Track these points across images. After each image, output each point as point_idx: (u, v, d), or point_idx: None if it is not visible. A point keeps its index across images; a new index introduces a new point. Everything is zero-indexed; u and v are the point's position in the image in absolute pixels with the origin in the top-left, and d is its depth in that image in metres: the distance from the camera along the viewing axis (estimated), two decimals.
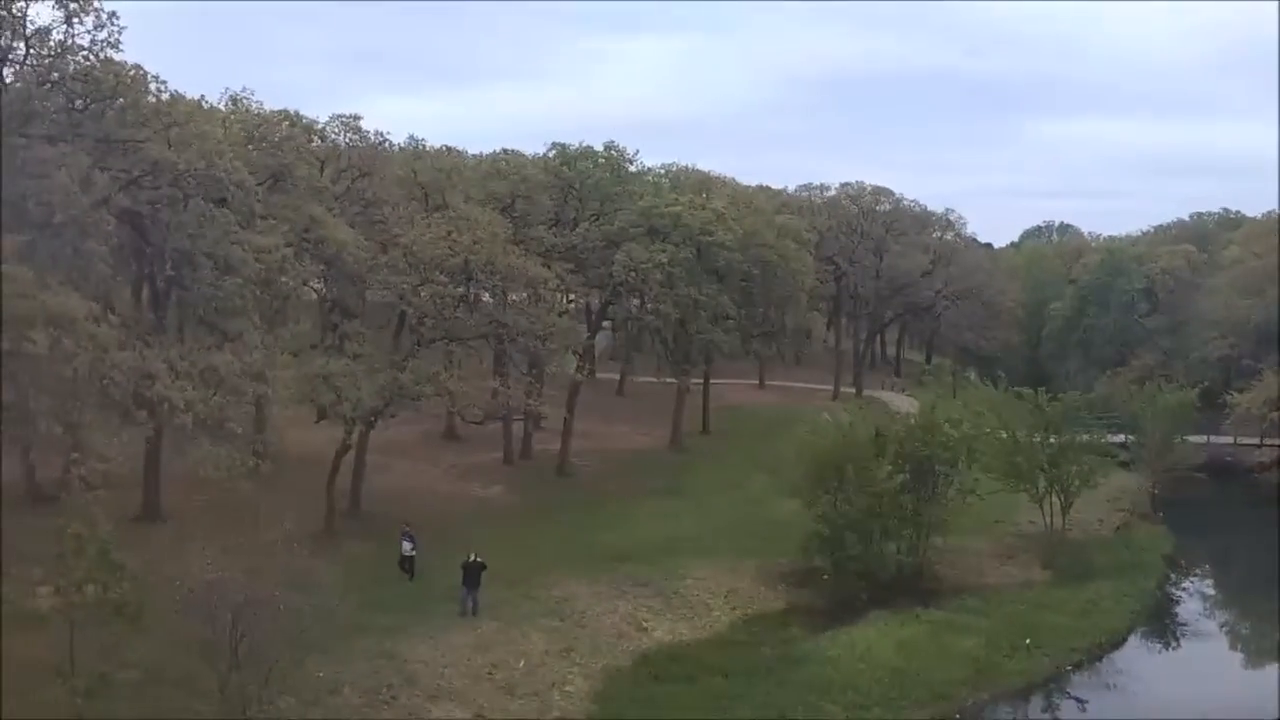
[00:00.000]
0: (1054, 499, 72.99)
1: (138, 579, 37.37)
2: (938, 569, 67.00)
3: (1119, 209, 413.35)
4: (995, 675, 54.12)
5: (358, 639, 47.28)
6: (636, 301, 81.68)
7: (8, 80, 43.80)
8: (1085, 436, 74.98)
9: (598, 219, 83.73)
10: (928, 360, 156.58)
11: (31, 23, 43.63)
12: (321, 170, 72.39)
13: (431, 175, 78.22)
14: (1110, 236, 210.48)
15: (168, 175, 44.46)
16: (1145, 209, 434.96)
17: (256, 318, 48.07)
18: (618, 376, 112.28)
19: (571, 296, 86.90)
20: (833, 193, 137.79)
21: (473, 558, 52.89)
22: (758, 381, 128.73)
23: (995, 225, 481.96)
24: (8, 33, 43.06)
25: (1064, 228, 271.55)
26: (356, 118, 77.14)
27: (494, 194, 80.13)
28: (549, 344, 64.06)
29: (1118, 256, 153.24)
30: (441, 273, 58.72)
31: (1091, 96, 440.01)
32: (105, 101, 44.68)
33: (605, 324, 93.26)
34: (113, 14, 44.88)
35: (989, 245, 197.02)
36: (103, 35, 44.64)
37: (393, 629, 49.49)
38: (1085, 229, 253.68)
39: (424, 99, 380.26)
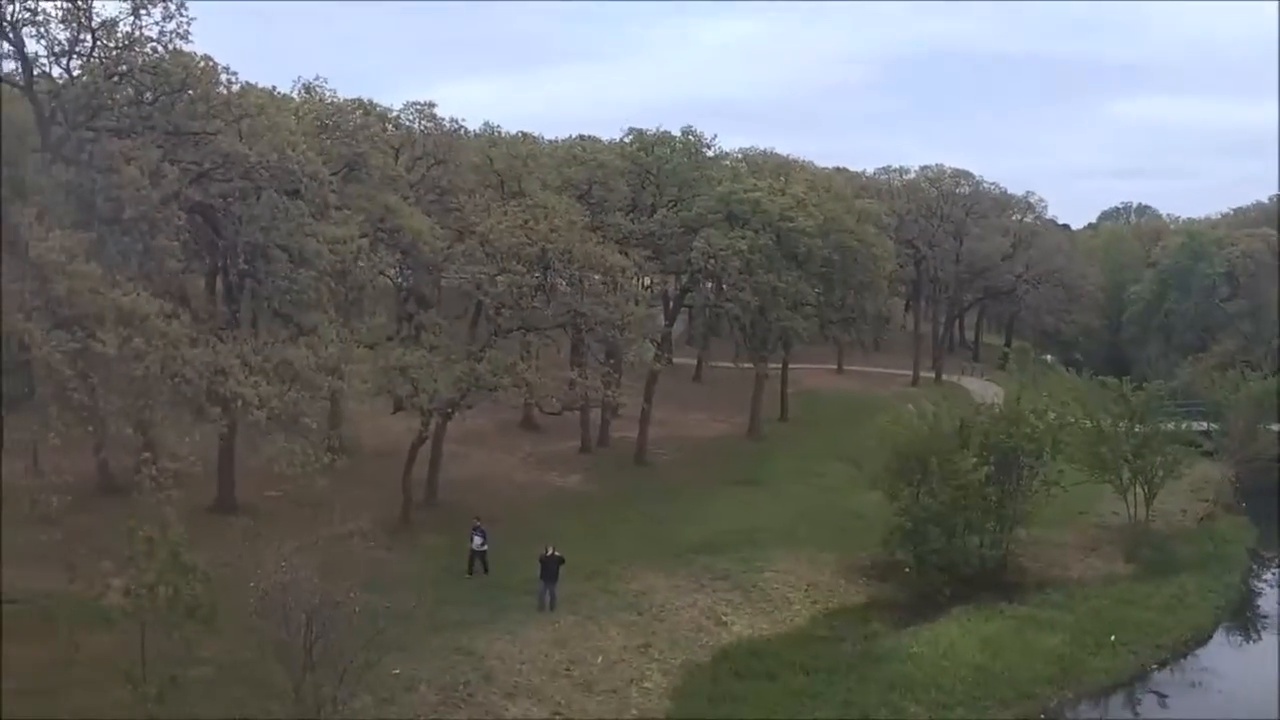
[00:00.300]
0: (1138, 490, 71.42)
1: (210, 579, 36.85)
2: (1021, 561, 65.75)
3: (1195, 189, 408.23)
4: (1080, 673, 52.81)
5: (434, 635, 46.68)
6: (711, 284, 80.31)
7: (75, 73, 43.23)
8: (1170, 425, 73.24)
9: (675, 205, 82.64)
10: (1007, 344, 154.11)
11: (98, 15, 43.18)
12: (396, 158, 71.90)
13: (507, 162, 77.56)
14: (1189, 219, 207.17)
15: (239, 168, 43.78)
16: (1221, 189, 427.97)
17: (332, 310, 47.38)
18: (694, 362, 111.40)
19: (649, 283, 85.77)
20: (912, 175, 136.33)
21: (550, 551, 52.21)
22: (836, 366, 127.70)
23: (1070, 205, 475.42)
24: (74, 25, 42.54)
25: (1141, 209, 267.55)
26: (431, 105, 76.77)
27: (570, 180, 79.38)
28: (627, 333, 63.13)
29: (1198, 240, 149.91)
30: (518, 262, 58.06)
31: (1169, 75, 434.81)
32: (175, 94, 44.08)
33: (684, 309, 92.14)
34: (181, 4, 44.45)
35: (1066, 226, 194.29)
36: (171, 26, 44.24)
37: (469, 624, 48.92)
38: (1163, 210, 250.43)
39: (497, 83, 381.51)
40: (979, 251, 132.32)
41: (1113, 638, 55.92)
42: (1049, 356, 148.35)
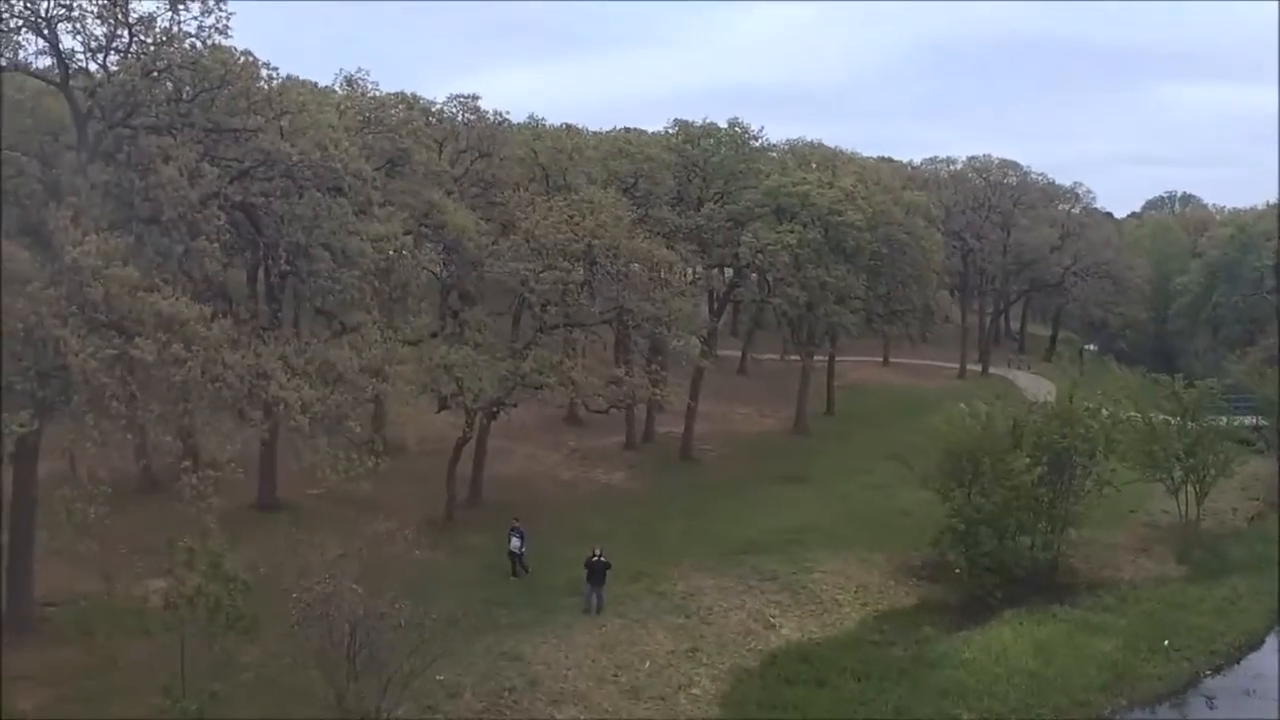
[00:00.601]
0: (1189, 489, 70.10)
1: (251, 588, 36.23)
2: (1072, 562, 64.67)
3: (1240, 178, 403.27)
4: (1134, 679, 51.75)
5: (479, 639, 46.12)
6: (757, 277, 78.96)
7: (112, 70, 42.23)
8: (1222, 421, 71.84)
9: (721, 198, 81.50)
10: (1053, 337, 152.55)
11: (135, 11, 42.32)
12: (440, 151, 71.07)
13: (551, 156, 76.43)
14: (1235, 209, 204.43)
15: (280, 166, 42.85)
16: (1266, 176, 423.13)
17: (375, 310, 46.59)
18: (738, 354, 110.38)
19: (694, 274, 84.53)
20: (959, 166, 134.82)
21: (597, 555, 51.48)
22: (882, 359, 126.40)
23: (1114, 193, 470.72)
24: (111, 21, 41.68)
25: (1186, 198, 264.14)
26: (475, 97, 75.82)
27: (616, 174, 78.39)
28: (674, 330, 62.19)
29: (1247, 232, 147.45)
30: (564, 258, 57.19)
31: (1213, 62, 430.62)
32: (214, 90, 43.22)
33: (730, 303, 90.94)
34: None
35: (1109, 215, 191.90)
36: (210, 21, 43.33)
37: (515, 627, 48.34)
38: (1207, 199, 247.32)
39: (536, 72, 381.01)
40: (1026, 243, 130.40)
41: (1166, 643, 54.90)
42: (1092, 346, 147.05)
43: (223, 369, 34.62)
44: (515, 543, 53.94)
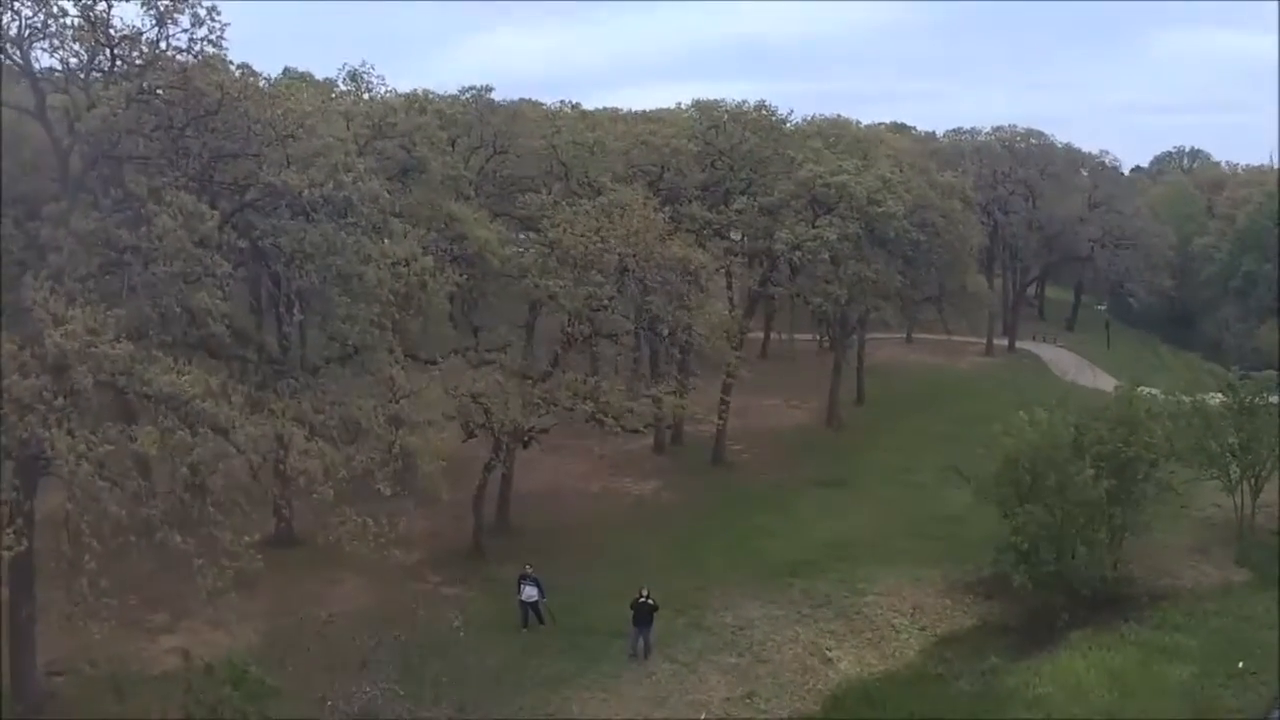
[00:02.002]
0: (1245, 484, 66.46)
1: (279, 692, 32.51)
2: (1130, 568, 60.73)
3: (1243, 124, 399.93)
4: (1214, 711, 47.80)
5: (521, 695, 42.99)
6: (790, 270, 74.54)
7: (94, 94, 37.53)
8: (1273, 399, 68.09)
9: (749, 187, 77.25)
10: (1075, 306, 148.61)
11: (116, 29, 37.89)
12: (453, 146, 67.02)
13: (573, 151, 71.90)
14: (1249, 166, 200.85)
15: (288, 197, 38.40)
16: (1268, 123, 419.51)
17: (397, 347, 42.50)
18: (761, 335, 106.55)
19: (726, 274, 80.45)
20: (984, 137, 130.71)
21: (644, 597, 47.83)
22: (905, 335, 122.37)
23: (1114, 142, 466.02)
24: (90, 40, 37.16)
25: (1195, 153, 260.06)
26: (488, 89, 71.83)
27: (640, 166, 74.30)
28: (711, 341, 58.27)
29: (1276, 201, 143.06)
30: (595, 271, 53.18)
31: (1212, 10, 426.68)
32: (209, 116, 38.78)
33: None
34: (212, 8, 39.34)
35: (1117, 169, 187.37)
36: (202, 33, 39.14)
37: (557, 680, 44.95)
38: (1214, 152, 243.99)
39: (539, 32, 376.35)
40: (1054, 215, 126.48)
41: (1241, 665, 51.31)
42: (1102, 305, 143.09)
43: (236, 450, 30.63)
44: (530, 591, 49.50)
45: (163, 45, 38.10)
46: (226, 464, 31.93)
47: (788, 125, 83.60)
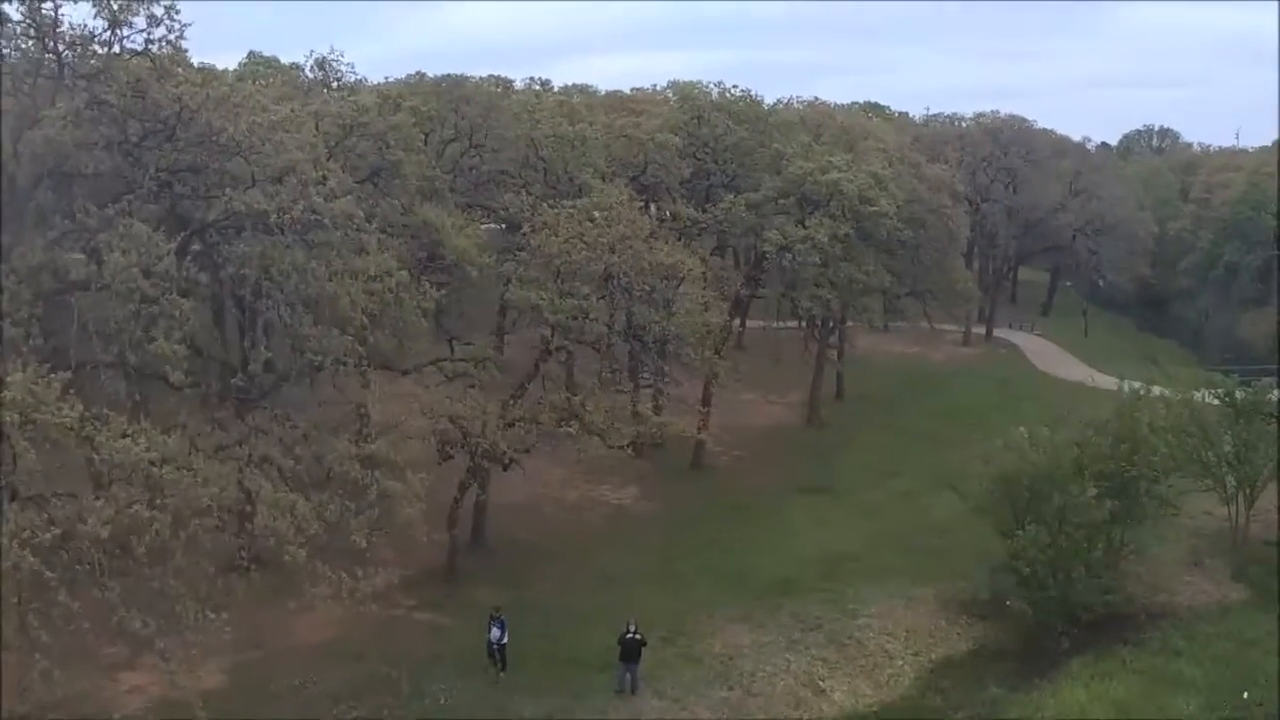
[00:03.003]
0: (1241, 495, 64.25)
1: None
2: (1126, 583, 58.58)
3: (1204, 97, 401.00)
4: None
5: None
6: (777, 270, 71.65)
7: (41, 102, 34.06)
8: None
9: (733, 180, 74.36)
10: (1050, 291, 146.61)
11: (65, 31, 34.46)
12: (426, 140, 63.89)
13: (554, 148, 68.67)
14: (1221, 148, 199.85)
15: (257, 224, 35.10)
16: (1228, 96, 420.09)
17: (370, 370, 39.56)
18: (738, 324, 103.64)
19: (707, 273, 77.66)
20: (966, 124, 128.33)
21: (631, 632, 45.29)
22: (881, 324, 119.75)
23: (1077, 117, 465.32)
24: (36, 41, 33.55)
25: (1164, 132, 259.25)
26: (463, 78, 68.56)
27: (621, 160, 71.32)
28: (700, 352, 55.63)
29: (1260, 190, 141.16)
30: (580, 281, 50.33)
31: None
32: (168, 129, 35.46)
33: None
34: (170, 7, 36.10)
35: (1065, 136, 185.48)
36: (160, 33, 35.94)
37: None
38: (1177, 127, 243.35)
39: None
40: (1034, 203, 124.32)
41: (1245, 694, 48.90)
42: (1070, 283, 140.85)
43: (202, 514, 27.73)
44: (495, 633, 46.64)
45: (117, 48, 34.73)
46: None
47: (768, 108, 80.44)
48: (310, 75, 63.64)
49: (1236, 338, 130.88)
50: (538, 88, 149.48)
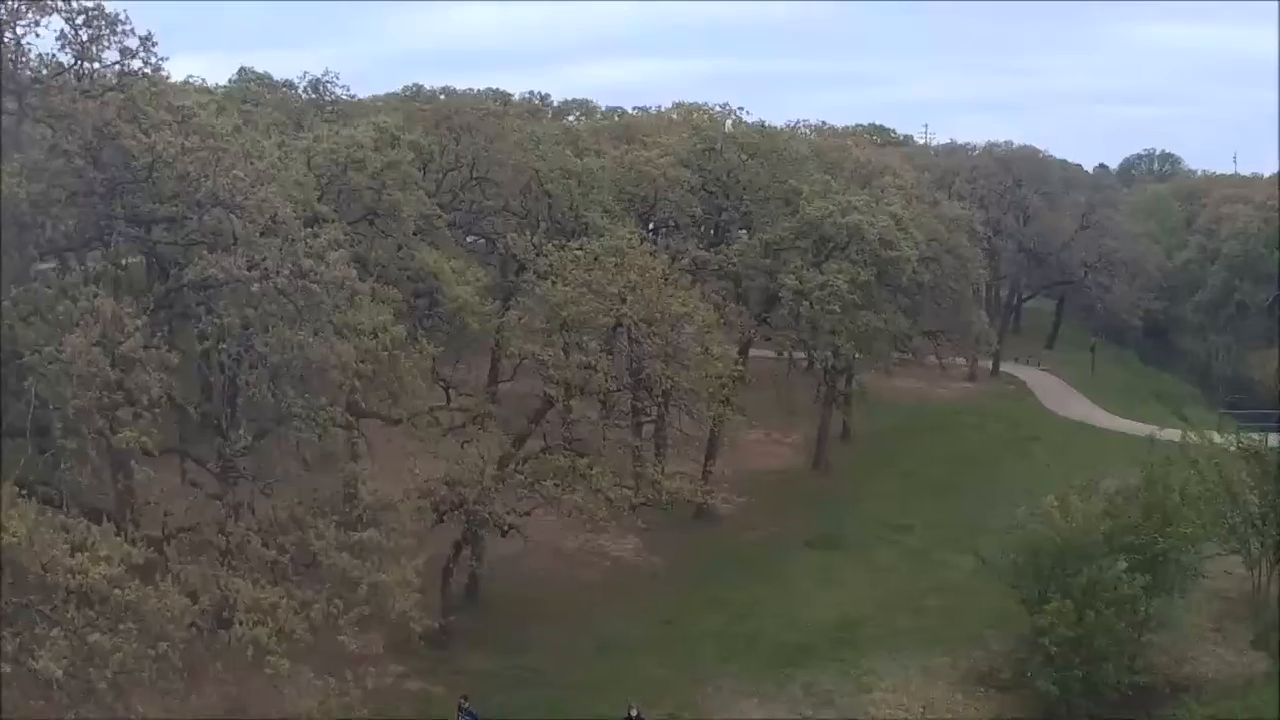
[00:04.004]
0: (1266, 560, 61.58)
1: None
2: (1150, 654, 55.90)
3: (1198, 115, 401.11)
4: None
5: None
6: (792, 317, 68.49)
7: None
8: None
9: (746, 216, 71.15)
10: (1056, 324, 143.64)
11: (22, 68, 30.89)
12: (424, 171, 60.70)
13: (560, 184, 65.16)
14: (1221, 174, 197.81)
15: (240, 294, 31.58)
16: (1224, 115, 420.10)
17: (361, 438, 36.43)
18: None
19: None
20: (977, 153, 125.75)
21: (633, 713, 42.37)
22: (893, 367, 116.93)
23: (1072, 134, 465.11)
24: None
25: (1165, 156, 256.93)
26: (460, 95, 65.57)
27: (630, 194, 68.16)
28: (711, 406, 52.68)
29: (1273, 227, 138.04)
30: (588, 334, 47.25)
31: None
32: (139, 183, 32.02)
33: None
34: (146, 37, 32.83)
35: (1079, 166, 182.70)
36: (135, 65, 32.65)
37: None
38: (1174, 148, 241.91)
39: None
40: (1047, 237, 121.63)
41: None
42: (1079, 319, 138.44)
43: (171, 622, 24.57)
44: None
45: (85, 86, 31.38)
46: None
47: (779, 134, 77.36)
48: (304, 95, 60.62)
49: (1245, 377, 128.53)
50: (537, 102, 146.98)
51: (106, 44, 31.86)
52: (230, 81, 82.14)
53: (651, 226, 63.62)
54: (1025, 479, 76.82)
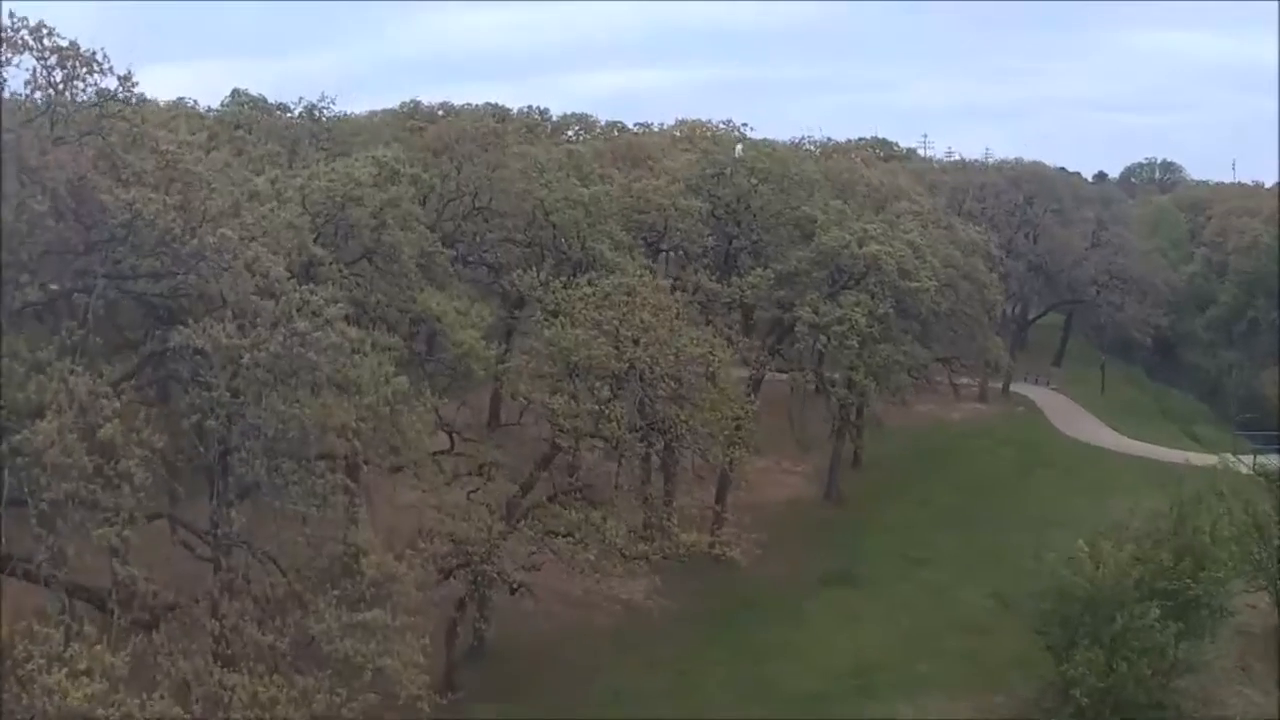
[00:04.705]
0: None
1: None
2: (1179, 699, 54.12)
3: (1197, 122, 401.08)
4: None
5: None
6: (805, 349, 66.58)
7: None
8: None
9: (757, 243, 69.15)
10: (1064, 340, 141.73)
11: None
12: (423, 203, 58.73)
13: (566, 217, 62.97)
14: (1222, 183, 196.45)
15: (226, 369, 29.50)
16: (1221, 121, 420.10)
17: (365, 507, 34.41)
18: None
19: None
20: (985, 170, 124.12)
21: None
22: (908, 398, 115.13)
23: (1071, 141, 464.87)
24: None
25: (1167, 165, 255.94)
26: (458, 111, 63.78)
27: (638, 224, 66.16)
28: (726, 450, 50.78)
29: None
30: (599, 379, 45.21)
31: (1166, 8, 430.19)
32: (120, 241, 29.82)
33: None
34: (125, 77, 30.81)
35: (1077, 174, 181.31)
36: (115, 108, 30.62)
37: None
38: (1172, 154, 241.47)
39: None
40: (1057, 254, 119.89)
41: None
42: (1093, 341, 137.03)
43: None
44: None
45: (59, 129, 29.29)
46: None
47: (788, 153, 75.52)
48: (299, 119, 58.84)
49: (1258, 394, 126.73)
50: (536, 116, 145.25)
51: (82, 85, 29.77)
52: (223, 105, 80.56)
53: (661, 251, 61.62)
54: (1040, 506, 75.96)
